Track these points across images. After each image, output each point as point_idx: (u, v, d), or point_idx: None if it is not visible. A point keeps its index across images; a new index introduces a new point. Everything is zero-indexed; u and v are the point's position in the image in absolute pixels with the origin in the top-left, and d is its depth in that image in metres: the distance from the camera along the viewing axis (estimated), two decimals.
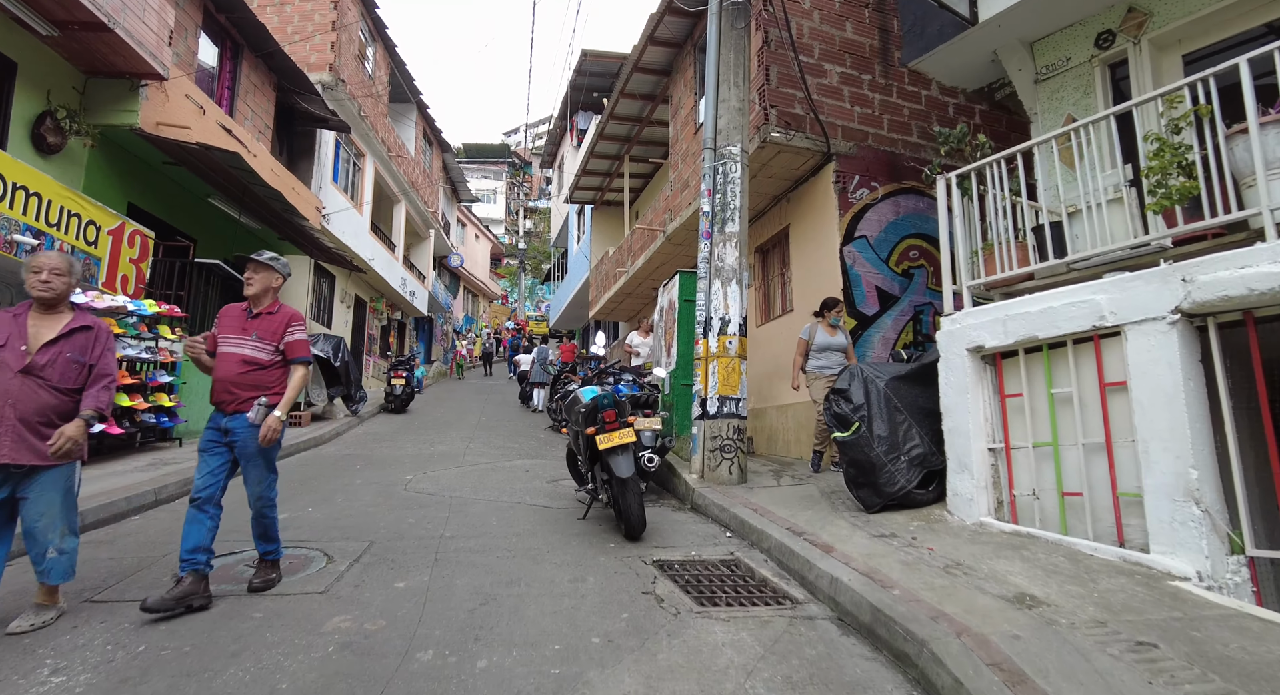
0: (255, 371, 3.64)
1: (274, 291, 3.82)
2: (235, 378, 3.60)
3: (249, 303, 3.78)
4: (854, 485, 4.78)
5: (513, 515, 5.45)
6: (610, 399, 4.73)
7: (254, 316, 3.73)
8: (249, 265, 3.77)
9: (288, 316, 3.79)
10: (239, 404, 3.60)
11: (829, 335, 6.66)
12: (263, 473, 3.76)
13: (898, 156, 8.31)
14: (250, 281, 3.74)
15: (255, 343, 3.66)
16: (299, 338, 3.79)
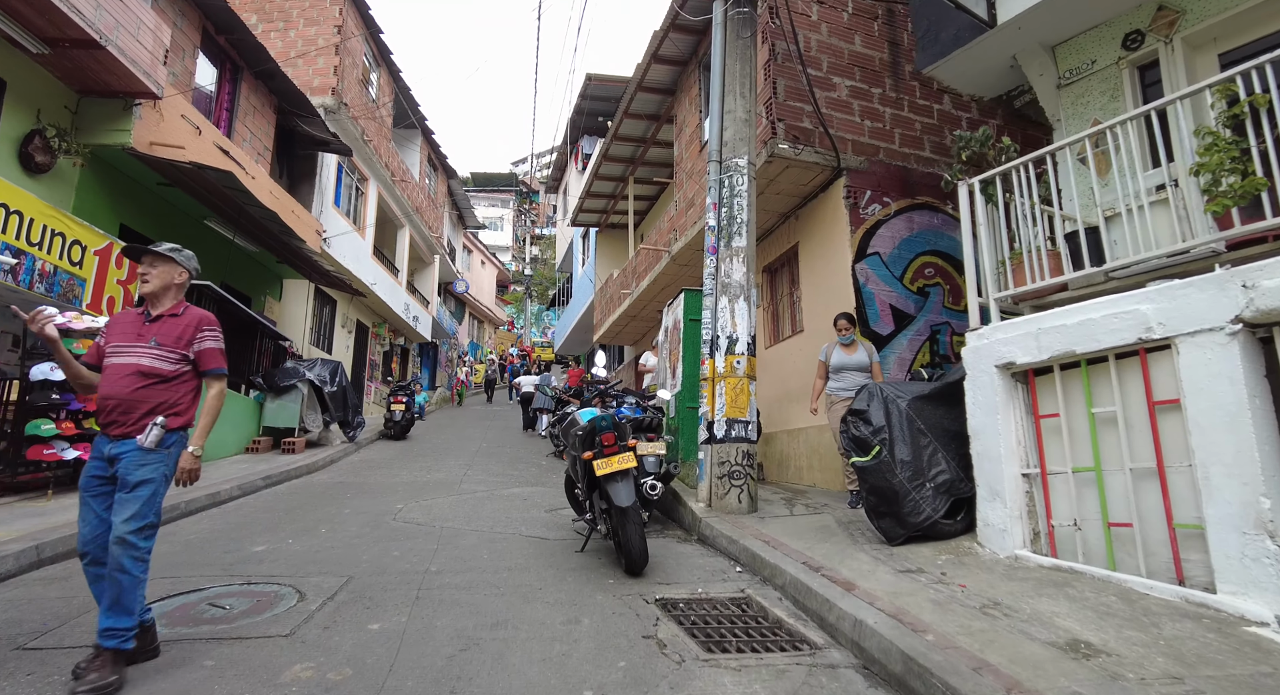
0: (155, 386, 2.94)
1: (178, 289, 3.15)
2: (129, 394, 2.88)
3: (146, 303, 3.11)
4: (875, 515, 4.40)
5: (506, 547, 5.08)
6: (609, 421, 4.38)
7: (153, 319, 3.04)
8: (143, 257, 3.10)
9: (197, 318, 3.10)
10: (131, 426, 2.88)
11: (845, 353, 6.21)
12: (137, 511, 2.82)
13: (910, 171, 8.04)
14: (146, 277, 3.06)
15: (155, 350, 2.96)
16: (212, 345, 3.10)
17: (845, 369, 6.18)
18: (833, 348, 6.30)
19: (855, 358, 6.19)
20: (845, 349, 6.25)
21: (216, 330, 3.16)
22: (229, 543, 5.05)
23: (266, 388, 10.21)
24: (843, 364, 6.18)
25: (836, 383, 6.18)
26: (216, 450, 8.89)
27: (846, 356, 6.20)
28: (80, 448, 6.17)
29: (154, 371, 2.95)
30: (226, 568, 4.36)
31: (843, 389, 6.09)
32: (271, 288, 13.15)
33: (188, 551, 4.76)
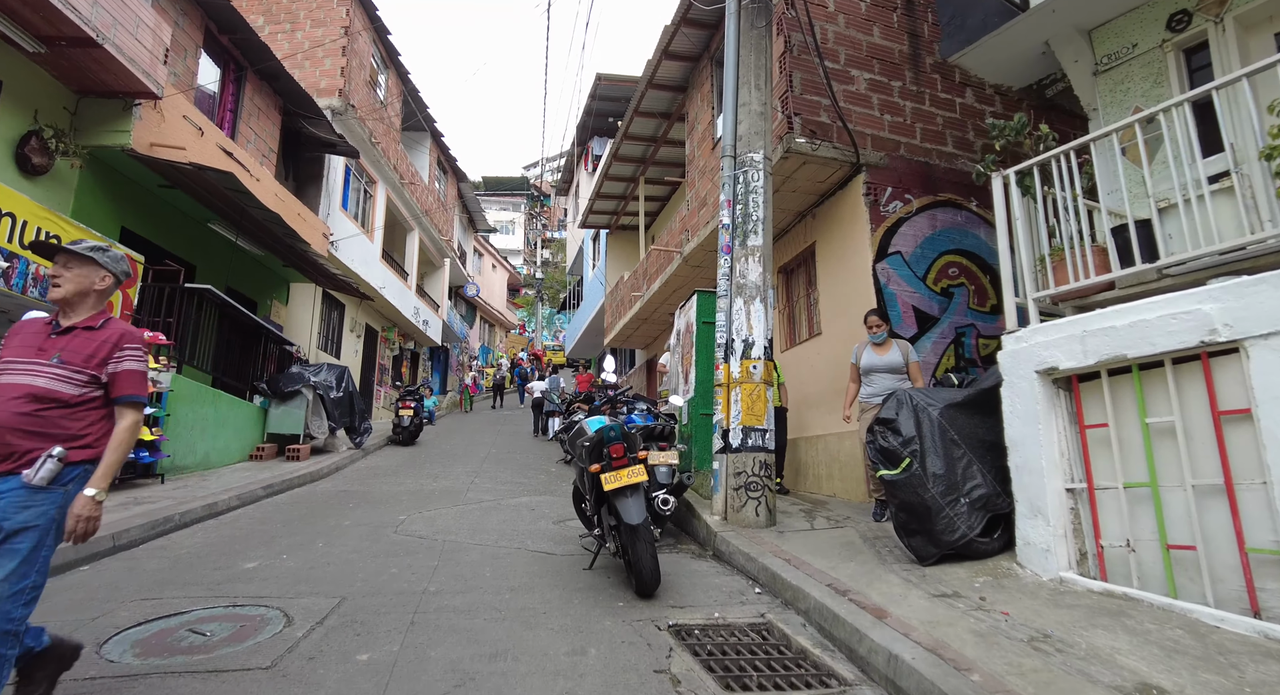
0: (52, 412, 2.38)
1: (99, 297, 2.63)
2: (15, 421, 2.32)
3: (57, 310, 2.58)
4: (905, 532, 4.08)
5: (510, 564, 4.80)
6: (618, 431, 4.10)
7: (62, 331, 2.50)
8: (56, 256, 2.60)
9: (118, 334, 2.56)
10: (17, 462, 2.31)
11: (875, 354, 5.70)
12: (14, 570, 2.23)
13: (932, 167, 7.71)
14: (57, 281, 2.55)
15: (56, 369, 2.40)
16: (132, 366, 2.55)
17: (875, 371, 5.66)
18: (863, 348, 5.84)
19: (886, 358, 5.64)
20: (876, 349, 5.75)
21: (141, 350, 2.61)
22: (221, 558, 4.81)
23: (270, 393, 10.01)
24: (871, 366, 5.67)
25: (866, 387, 5.68)
26: (219, 458, 8.70)
27: (876, 357, 5.69)
28: None
29: (51, 395, 2.38)
30: (214, 587, 4.11)
31: (873, 395, 5.59)
32: (278, 292, 12.98)
33: (176, 568, 4.52)
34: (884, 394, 5.24)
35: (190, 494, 6.65)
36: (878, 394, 5.48)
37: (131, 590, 4.00)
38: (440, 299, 23.40)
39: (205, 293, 8.39)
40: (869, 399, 5.60)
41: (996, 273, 7.86)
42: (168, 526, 5.54)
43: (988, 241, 7.74)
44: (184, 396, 7.90)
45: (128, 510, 5.78)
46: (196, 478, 7.71)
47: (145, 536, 5.22)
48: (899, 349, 5.67)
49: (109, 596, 3.88)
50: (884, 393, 5.28)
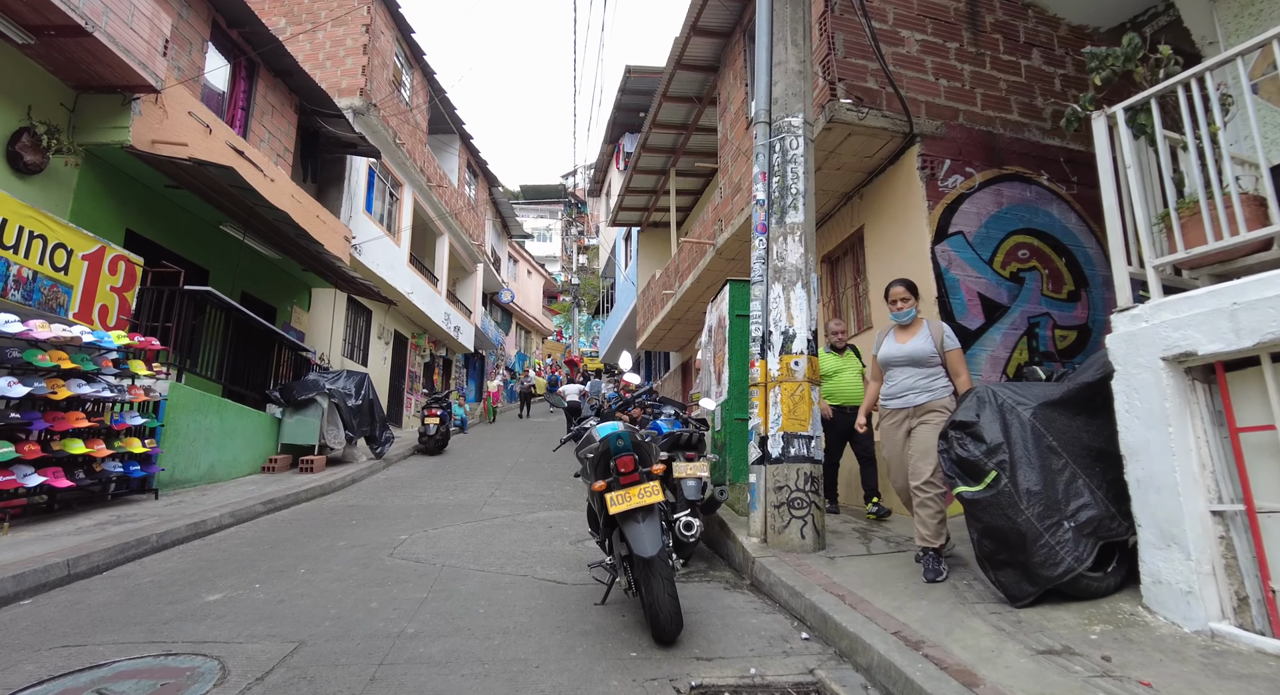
0: None
1: None
2: None
3: None
4: (991, 564, 3.24)
5: (510, 597, 4.09)
6: (627, 440, 3.35)
7: None
8: None
9: None
10: None
11: (896, 341, 4.17)
12: None
13: (996, 136, 6.80)
14: None
15: None
16: None
17: (893, 364, 4.13)
18: (885, 334, 4.35)
19: (909, 347, 4.07)
20: (899, 333, 4.20)
21: None
22: (183, 588, 4.21)
23: (283, 402, 9.54)
24: (890, 357, 4.14)
25: (885, 386, 4.24)
26: (227, 471, 8.23)
27: (895, 346, 4.14)
28: (46, 472, 5.47)
29: None
30: (157, 628, 3.49)
31: (890, 396, 4.16)
32: (299, 297, 12.61)
33: (126, 603, 3.92)
34: (903, 395, 4.06)
35: (181, 511, 6.13)
36: (896, 395, 4.11)
37: (59, 633, 3.40)
38: (473, 305, 23.01)
39: (207, 295, 7.92)
40: (886, 402, 4.21)
41: (1072, 255, 6.95)
42: (141, 550, 4.99)
43: (1061, 219, 6.80)
44: (185, 405, 7.43)
45: (103, 530, 5.26)
46: (196, 493, 7.22)
47: (110, 562, 4.66)
48: (929, 332, 4.09)
49: (28, 642, 3.29)
50: (903, 394, 4.07)
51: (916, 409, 4.00)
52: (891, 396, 4.15)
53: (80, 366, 5.83)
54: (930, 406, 3.94)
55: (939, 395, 3.98)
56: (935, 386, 4.02)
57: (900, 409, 4.09)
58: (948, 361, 4.06)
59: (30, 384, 5.39)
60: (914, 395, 4.03)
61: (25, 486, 5.29)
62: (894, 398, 4.13)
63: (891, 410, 4.15)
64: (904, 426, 4.06)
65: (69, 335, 5.71)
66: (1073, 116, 3.44)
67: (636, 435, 3.50)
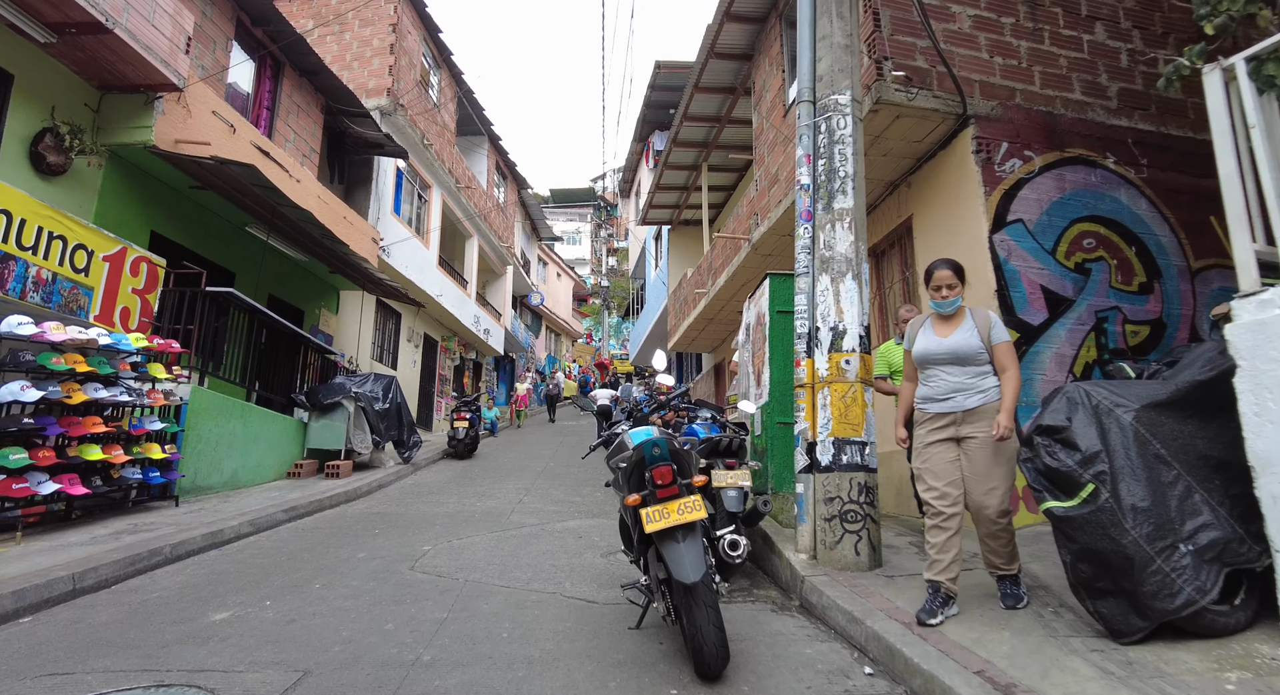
0: None
1: None
2: None
3: None
4: (1089, 592, 2.79)
5: (537, 617, 3.75)
6: (664, 448, 2.98)
7: None
8: None
9: None
10: None
11: (936, 333, 3.47)
12: None
13: (1057, 117, 6.29)
14: None
15: None
16: None
17: (934, 362, 3.43)
18: (920, 325, 3.59)
19: (951, 342, 3.38)
20: (939, 325, 3.49)
21: None
22: (189, 606, 3.95)
23: (309, 406, 9.36)
24: (928, 353, 3.44)
25: (923, 387, 3.52)
26: (249, 477, 8.05)
27: (935, 340, 3.44)
28: (62, 479, 5.29)
29: None
30: (153, 653, 3.21)
31: (930, 398, 3.44)
32: (327, 300, 12.48)
33: (128, 622, 3.66)
34: (948, 397, 3.36)
35: (199, 520, 5.92)
36: (938, 398, 3.40)
37: (51, 658, 3.14)
38: (503, 307, 22.85)
39: (230, 297, 7.75)
40: (923, 405, 3.49)
41: (1143, 243, 6.39)
42: (153, 561, 4.76)
43: (1130, 205, 6.26)
44: (207, 410, 7.26)
45: (117, 540, 5.05)
46: (217, 499, 7.03)
47: (119, 575, 4.43)
48: (974, 323, 3.40)
49: (15, 668, 3.03)
50: (948, 395, 3.37)
51: (967, 414, 3.30)
52: (932, 399, 3.43)
53: (97, 370, 5.65)
54: (984, 411, 3.28)
55: (992, 397, 3.29)
56: (986, 386, 3.32)
57: (946, 414, 3.36)
58: (995, 356, 3.35)
59: (44, 388, 5.21)
60: (962, 397, 3.32)
61: (39, 494, 5.10)
62: (936, 400, 3.41)
63: (934, 415, 3.40)
64: (949, 434, 3.35)
65: (85, 337, 5.53)
66: (1174, 75, 2.98)
67: (674, 442, 3.13)
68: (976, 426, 3.26)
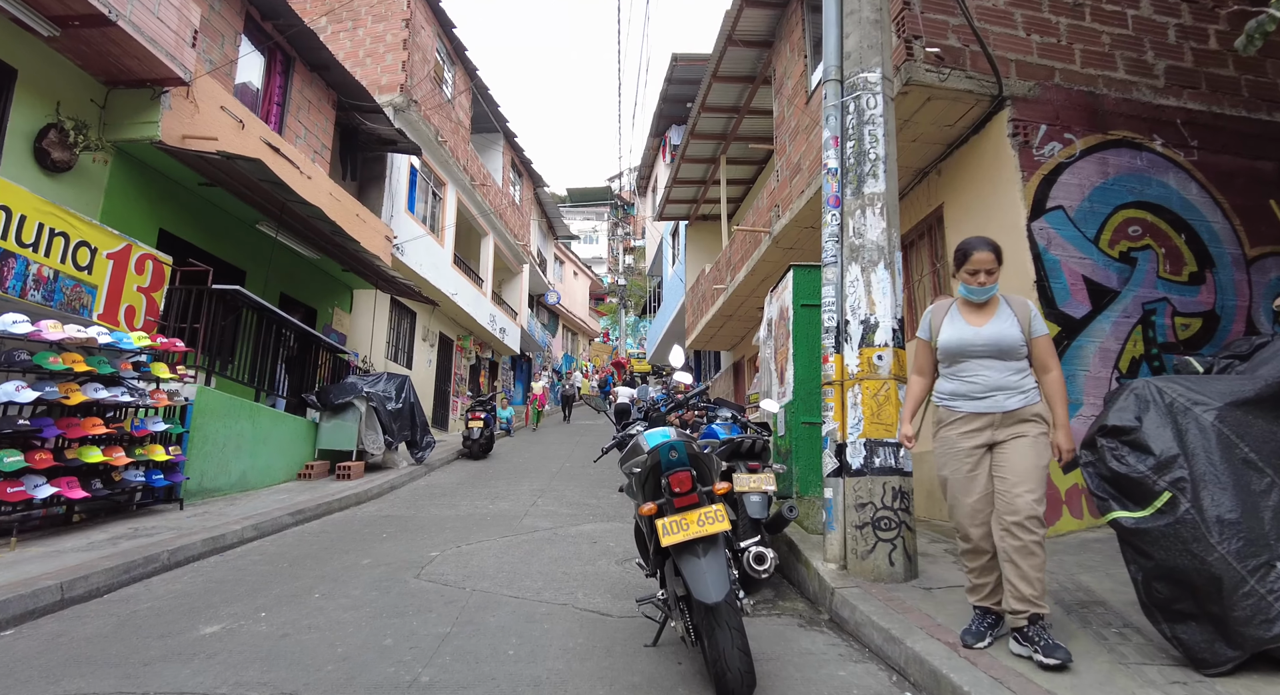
0: None
1: None
2: None
3: None
4: (1165, 613, 2.47)
5: (547, 632, 3.49)
6: (682, 452, 2.70)
7: None
8: None
9: None
10: None
11: (969, 323, 3.00)
12: None
13: (1099, 98, 5.92)
14: None
15: None
16: None
17: (970, 354, 2.95)
18: (943, 313, 3.11)
19: (995, 331, 2.92)
20: (971, 313, 3.02)
21: None
22: (180, 618, 3.73)
23: (320, 406, 9.19)
24: (964, 344, 2.95)
25: (954, 383, 3.02)
26: (258, 479, 7.88)
27: (969, 329, 2.97)
28: (60, 483, 5.12)
29: None
30: (133, 672, 2.98)
31: (961, 394, 2.97)
32: (340, 298, 12.34)
33: (113, 636, 3.45)
34: (986, 395, 2.89)
35: (202, 524, 5.73)
36: (974, 395, 2.93)
37: (23, 678, 2.92)
38: (519, 306, 22.69)
39: (237, 295, 7.58)
40: (952, 403, 3.00)
41: (1193, 231, 5.98)
42: (149, 569, 4.56)
43: (1179, 190, 5.87)
44: (214, 410, 7.09)
45: (114, 546, 4.86)
46: (224, 502, 6.86)
47: (111, 584, 4.23)
48: (1013, 313, 2.97)
49: None
50: (987, 394, 2.90)
51: (1006, 416, 2.85)
52: (965, 397, 2.95)
53: (96, 370, 5.48)
54: (1024, 414, 2.84)
55: (1033, 399, 2.87)
56: (1027, 386, 2.89)
57: (982, 414, 2.89)
58: (1035, 351, 2.94)
59: (41, 388, 5.04)
60: (1004, 397, 2.86)
61: (36, 498, 4.93)
62: (970, 399, 2.93)
63: (966, 416, 2.93)
64: (983, 439, 2.89)
65: (84, 336, 5.36)
66: (1258, 31, 2.64)
67: (693, 445, 2.84)
68: (1015, 430, 2.84)
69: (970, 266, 2.98)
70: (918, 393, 3.21)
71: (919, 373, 3.22)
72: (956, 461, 2.94)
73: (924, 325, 3.19)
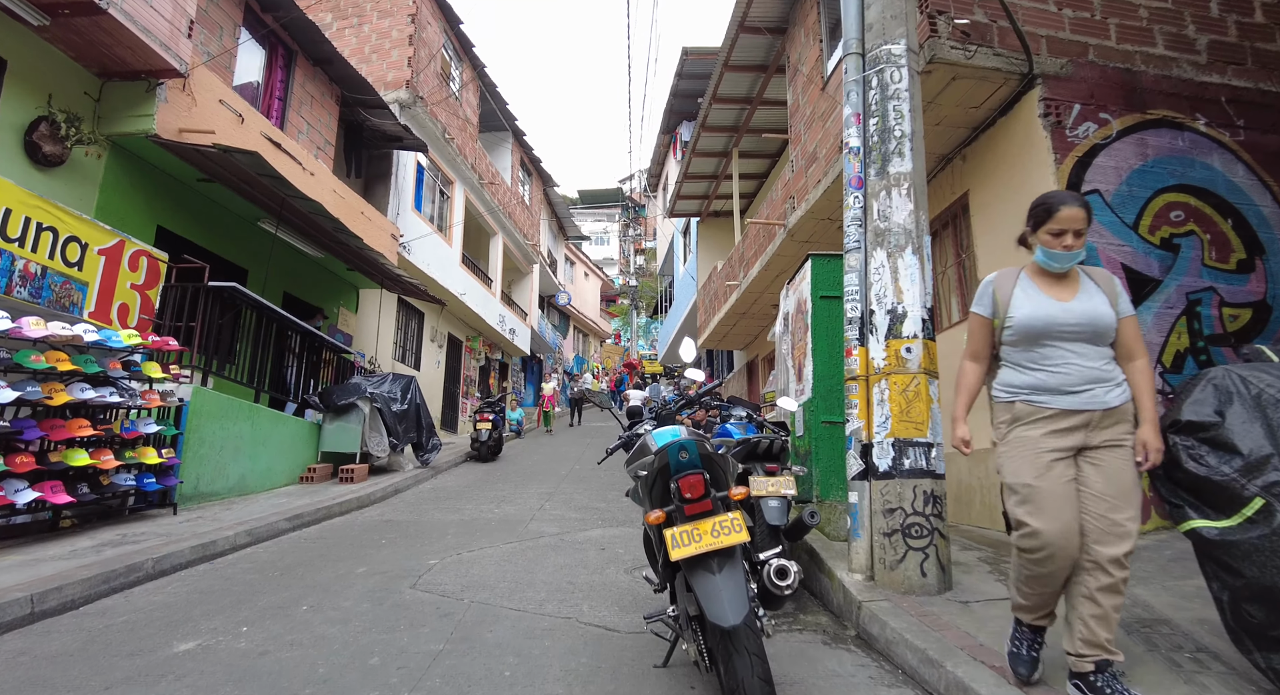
0: None
1: None
2: None
3: None
4: (1260, 641, 2.13)
5: (547, 650, 3.19)
6: (694, 453, 2.40)
7: None
8: None
9: None
10: None
11: (1051, 297, 2.44)
12: None
13: (1137, 75, 5.57)
14: None
15: None
16: None
17: (1058, 336, 2.40)
18: (1011, 283, 2.54)
19: (1088, 308, 2.40)
20: (1050, 285, 2.48)
21: None
22: (156, 633, 3.47)
23: (324, 408, 8.96)
24: (1052, 323, 2.40)
25: (1033, 374, 2.43)
26: (258, 482, 7.65)
27: (1059, 304, 2.42)
28: (42, 487, 4.89)
29: None
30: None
31: (1052, 389, 2.39)
32: (345, 298, 12.14)
33: (80, 654, 3.19)
34: (1082, 389, 2.34)
35: (193, 530, 5.49)
36: (1065, 389, 2.36)
37: None
38: (529, 307, 22.47)
39: (234, 292, 7.35)
40: (1040, 398, 2.40)
41: (1241, 216, 5.59)
42: (131, 578, 4.32)
43: (1225, 173, 5.50)
44: (210, 412, 6.86)
45: (97, 554, 4.62)
46: (220, 507, 6.63)
47: (88, 595, 3.98)
48: (1096, 286, 2.46)
49: None
50: (1082, 387, 2.34)
51: (1106, 414, 2.32)
52: (1054, 390, 2.36)
53: (82, 368, 5.25)
54: (1123, 412, 2.35)
55: (1128, 394, 2.37)
56: (1120, 377, 2.38)
57: (1077, 412, 2.32)
58: (1122, 334, 2.41)
59: (22, 388, 4.81)
60: (1103, 391, 2.32)
61: (17, 503, 4.70)
62: (1062, 392, 2.35)
63: (1056, 414, 2.34)
64: (1075, 441, 2.33)
65: (68, 334, 5.13)
66: None
67: (705, 445, 2.54)
68: (1112, 434, 2.31)
69: (1055, 225, 2.39)
70: (973, 383, 2.62)
71: (975, 358, 2.61)
72: (1042, 469, 2.30)
73: (984, 299, 2.58)
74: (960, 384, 2.64)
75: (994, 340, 2.58)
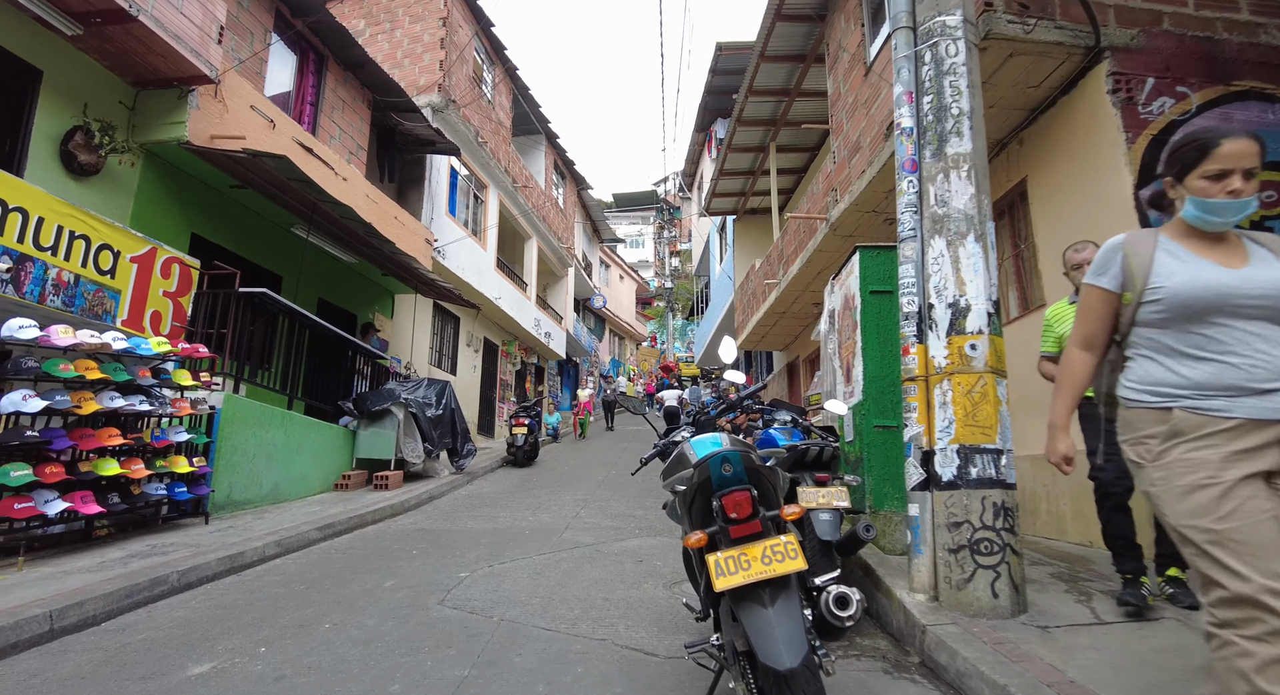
0: None
1: None
2: None
3: None
4: None
5: (581, 677, 2.94)
6: (738, 465, 2.10)
7: None
8: None
9: None
10: None
11: (1218, 263, 1.77)
12: None
13: (1220, 44, 5.10)
14: None
15: None
16: None
17: (1231, 314, 1.74)
18: (1149, 247, 1.85)
19: (1267, 275, 1.73)
20: (1209, 250, 1.81)
21: None
22: (171, 653, 3.31)
23: (358, 413, 8.89)
24: (1226, 295, 1.73)
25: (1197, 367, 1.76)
26: (292, 490, 7.58)
27: (1232, 273, 1.75)
28: (73, 497, 4.82)
29: None
30: None
31: (1236, 386, 1.70)
32: (381, 304, 12.11)
33: (92, 677, 3.05)
34: (1274, 385, 1.69)
35: (222, 540, 5.39)
36: (1254, 384, 1.70)
37: None
38: (564, 311, 22.36)
39: (264, 298, 7.29)
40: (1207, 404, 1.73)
41: None
42: (155, 592, 4.20)
43: None
44: (243, 419, 6.80)
45: (125, 566, 4.53)
46: (252, 516, 6.54)
47: (110, 610, 3.86)
48: (1269, 251, 1.79)
49: None
50: (1273, 382, 1.69)
51: None
52: (1233, 390, 1.72)
53: (111, 377, 5.18)
54: None
55: None
56: None
57: (1270, 424, 1.69)
58: None
59: (51, 397, 4.75)
60: (1266, 386, 1.71)
61: (46, 514, 4.63)
62: (1245, 392, 1.71)
63: (1242, 424, 1.70)
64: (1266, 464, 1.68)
65: (97, 342, 5.07)
66: None
67: (752, 457, 2.25)
68: None
69: (1214, 164, 1.75)
70: (1082, 380, 2.00)
71: (1089, 347, 2.00)
72: (1232, 505, 1.63)
73: (1109, 267, 1.92)
74: (1063, 380, 2.03)
75: (1118, 324, 1.95)
